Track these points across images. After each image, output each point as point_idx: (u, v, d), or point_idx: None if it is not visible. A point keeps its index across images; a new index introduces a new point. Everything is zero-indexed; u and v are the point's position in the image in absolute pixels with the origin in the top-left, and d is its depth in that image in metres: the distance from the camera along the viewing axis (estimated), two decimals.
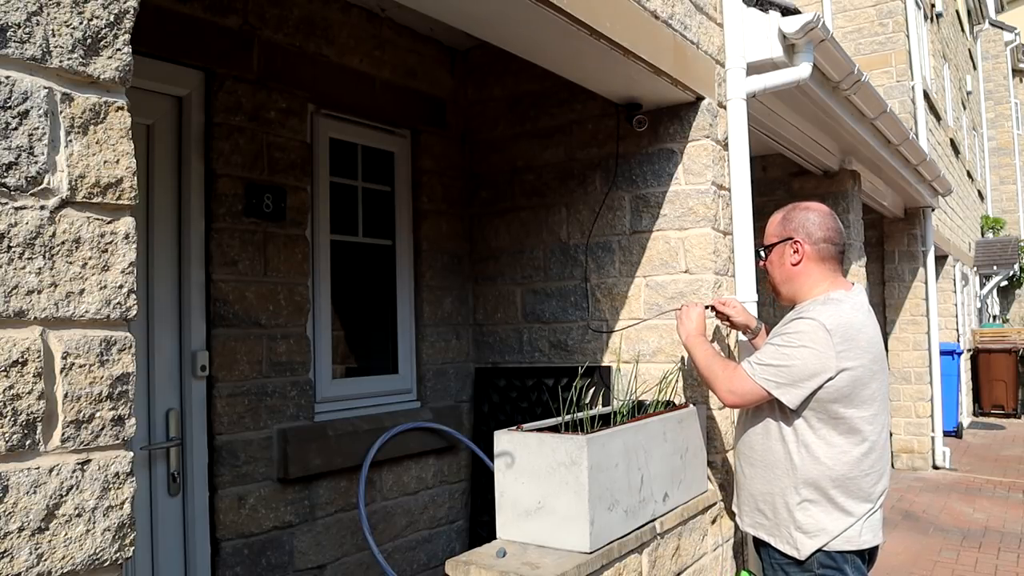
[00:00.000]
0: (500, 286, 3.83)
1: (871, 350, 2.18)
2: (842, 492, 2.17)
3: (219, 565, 2.78)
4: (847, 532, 2.18)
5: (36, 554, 0.94)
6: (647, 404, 2.88)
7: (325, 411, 3.27)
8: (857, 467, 2.17)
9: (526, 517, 2.29)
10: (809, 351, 2.14)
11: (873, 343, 2.20)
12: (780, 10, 3.22)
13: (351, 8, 3.40)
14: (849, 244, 5.70)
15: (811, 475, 2.19)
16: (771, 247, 2.41)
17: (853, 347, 2.14)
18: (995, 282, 14.99)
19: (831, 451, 2.17)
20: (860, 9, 8.86)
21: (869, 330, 2.20)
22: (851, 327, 2.16)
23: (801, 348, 2.15)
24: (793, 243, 2.33)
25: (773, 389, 2.19)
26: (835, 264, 2.33)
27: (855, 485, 2.18)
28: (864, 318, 2.22)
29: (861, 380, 2.15)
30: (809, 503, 2.19)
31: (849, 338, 2.14)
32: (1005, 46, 19.11)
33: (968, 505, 6.39)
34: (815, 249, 2.30)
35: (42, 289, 0.97)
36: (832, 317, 2.16)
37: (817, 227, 2.31)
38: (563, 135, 3.61)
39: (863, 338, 2.17)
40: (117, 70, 1.05)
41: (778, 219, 2.42)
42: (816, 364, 2.13)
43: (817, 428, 2.19)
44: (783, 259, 2.36)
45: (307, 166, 3.21)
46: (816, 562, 2.19)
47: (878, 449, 2.21)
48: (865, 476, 2.19)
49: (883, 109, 4.59)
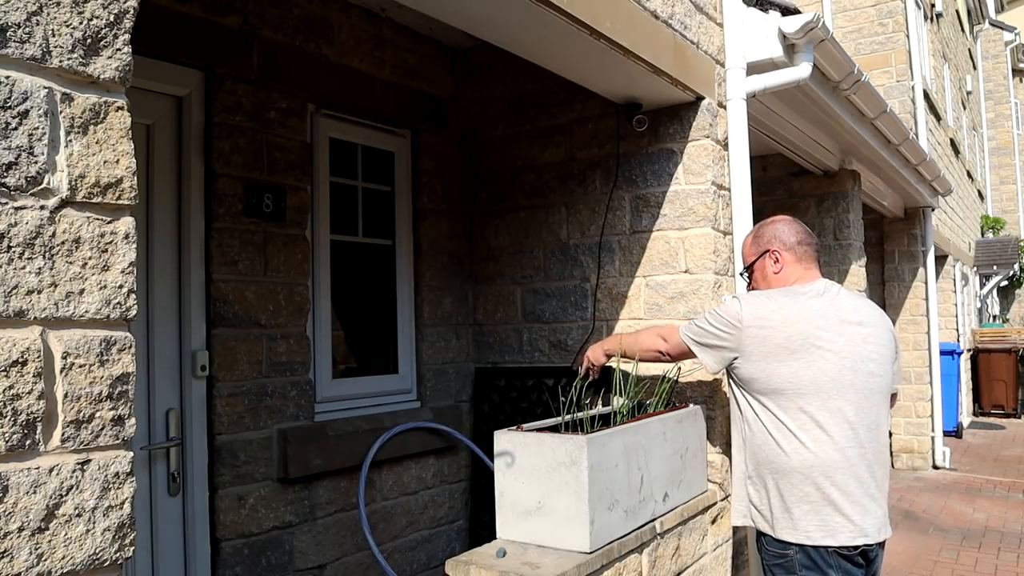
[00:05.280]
0: (500, 286, 3.83)
1: (785, 328, 2.23)
2: (774, 478, 2.25)
3: (219, 565, 2.78)
4: (784, 522, 2.22)
5: (36, 554, 0.94)
6: (647, 404, 2.88)
7: (325, 411, 3.27)
8: (794, 456, 2.20)
9: (526, 517, 2.29)
10: (722, 319, 2.36)
11: (789, 322, 2.24)
12: (780, 10, 3.22)
13: (351, 8, 3.40)
14: (849, 244, 5.70)
15: (753, 454, 2.34)
16: (751, 266, 2.53)
17: (764, 326, 2.26)
18: (995, 282, 14.98)
19: (763, 435, 2.28)
20: (860, 9, 8.86)
21: (789, 309, 2.26)
22: (766, 308, 2.29)
23: (717, 316, 2.39)
24: (771, 254, 2.45)
25: (692, 345, 2.47)
26: (811, 263, 2.44)
27: (786, 473, 2.23)
28: (785, 300, 2.29)
29: (777, 356, 2.22)
30: (750, 480, 2.35)
31: (761, 316, 2.27)
32: (1005, 46, 19.11)
33: (968, 505, 6.39)
34: (792, 253, 2.42)
35: (42, 289, 0.97)
36: (754, 299, 2.34)
37: (788, 233, 2.45)
38: (563, 135, 3.61)
39: (777, 317, 2.25)
40: (117, 70, 1.05)
41: (749, 240, 2.57)
42: (724, 333, 2.34)
43: (757, 410, 2.32)
44: (765, 272, 2.47)
45: (307, 166, 3.21)
46: (796, 563, 2.19)
47: (825, 443, 2.18)
48: (810, 469, 2.18)
49: (883, 109, 4.59)
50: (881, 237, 8.23)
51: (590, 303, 3.48)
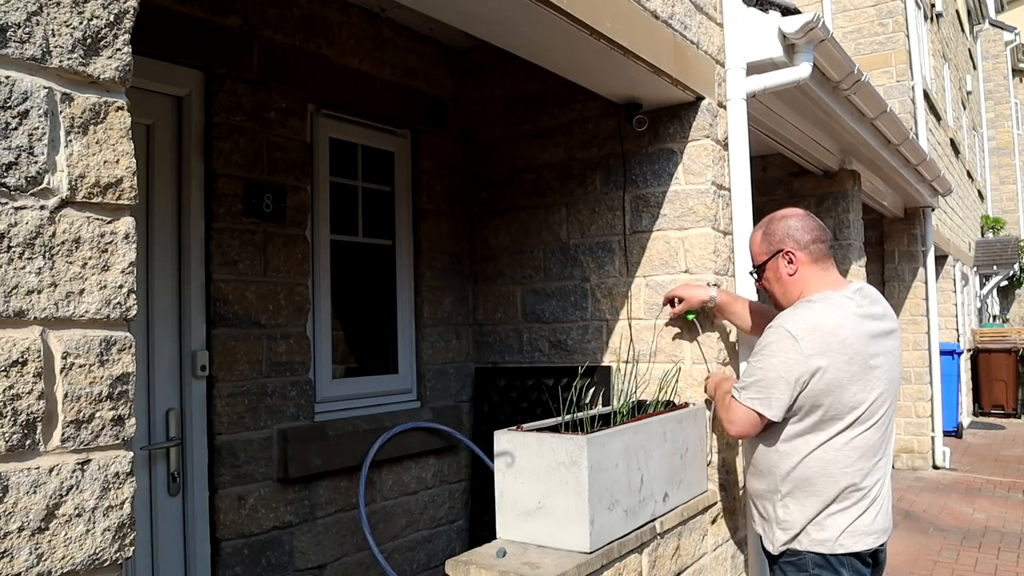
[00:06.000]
0: (500, 286, 3.83)
1: (846, 351, 2.12)
2: (812, 488, 2.19)
3: (219, 565, 2.78)
4: (819, 531, 2.18)
5: (36, 554, 0.94)
6: (647, 404, 2.88)
7: (325, 411, 3.27)
8: (833, 465, 2.16)
9: (526, 517, 2.29)
10: (779, 359, 2.15)
11: (847, 344, 2.13)
12: (780, 10, 3.22)
13: (351, 8, 3.40)
14: (849, 244, 5.70)
15: (788, 472, 2.23)
16: (763, 265, 2.39)
17: (824, 350, 2.12)
18: (995, 282, 14.99)
19: (809, 449, 2.19)
20: (860, 9, 8.86)
21: (844, 331, 2.14)
22: (819, 328, 2.14)
23: (770, 359, 2.18)
24: (785, 254, 2.32)
25: (759, 407, 2.20)
26: (827, 262, 2.32)
27: (830, 482, 2.17)
28: (839, 317, 2.15)
29: (838, 381, 2.12)
30: (788, 498, 2.23)
31: (820, 340, 2.12)
32: (1005, 46, 19.11)
33: (968, 505, 6.39)
34: (807, 253, 2.30)
35: (42, 289, 0.97)
36: (799, 321, 2.17)
37: (802, 231, 2.31)
38: (563, 135, 3.61)
39: (835, 340, 2.12)
40: (117, 70, 1.05)
41: (759, 237, 2.41)
42: (785, 371, 2.14)
43: (798, 433, 2.21)
44: (779, 273, 2.35)
45: (307, 166, 3.21)
46: (809, 562, 2.19)
47: (863, 449, 2.18)
48: (844, 473, 2.17)
49: (883, 109, 4.59)
50: (881, 237, 8.23)
51: (590, 303, 3.48)
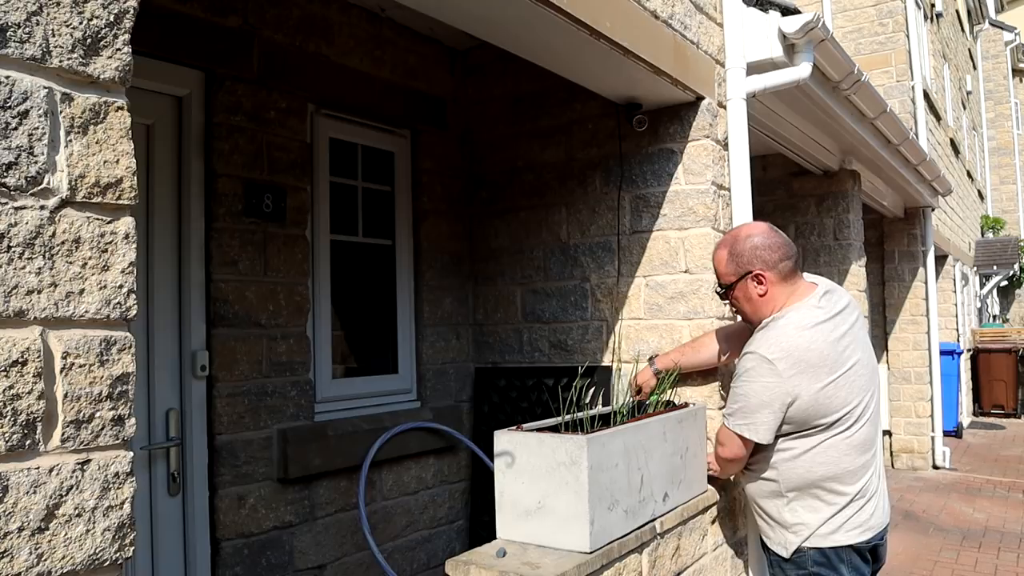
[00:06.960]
0: (500, 286, 3.83)
1: (824, 363, 2.14)
2: (821, 490, 2.22)
3: (219, 565, 2.78)
4: (827, 528, 2.21)
5: (36, 554, 0.94)
6: (647, 404, 2.88)
7: (325, 411, 3.27)
8: (833, 464, 2.19)
9: (526, 517, 2.29)
10: (759, 385, 2.19)
11: (824, 356, 2.15)
12: (780, 10, 3.22)
13: (351, 8, 3.40)
14: (849, 244, 5.70)
15: (789, 474, 2.26)
16: (732, 285, 2.39)
17: (803, 368, 2.14)
18: (995, 282, 14.99)
19: (808, 451, 2.22)
20: (860, 9, 8.86)
21: (818, 343, 2.16)
22: (794, 348, 2.16)
23: (750, 384, 2.22)
24: (755, 276, 2.32)
25: (746, 433, 2.25)
26: (795, 277, 2.33)
27: (832, 481, 2.21)
28: (811, 333, 2.17)
29: (823, 392, 2.15)
30: (796, 502, 2.26)
31: (797, 360, 2.14)
32: (1005, 46, 19.11)
33: (968, 505, 6.39)
34: (776, 273, 2.30)
35: (42, 289, 0.97)
36: (771, 344, 2.19)
37: (769, 250, 2.31)
38: (563, 135, 3.61)
39: (812, 355, 2.14)
40: (117, 70, 1.05)
41: (724, 256, 2.40)
42: (767, 395, 2.17)
43: (795, 436, 2.24)
44: (748, 293, 2.35)
45: (307, 166, 3.21)
46: (809, 559, 2.21)
47: (850, 447, 2.20)
48: (847, 473, 2.20)
49: (883, 109, 4.59)
50: (881, 237, 8.23)
51: (590, 303, 3.48)
